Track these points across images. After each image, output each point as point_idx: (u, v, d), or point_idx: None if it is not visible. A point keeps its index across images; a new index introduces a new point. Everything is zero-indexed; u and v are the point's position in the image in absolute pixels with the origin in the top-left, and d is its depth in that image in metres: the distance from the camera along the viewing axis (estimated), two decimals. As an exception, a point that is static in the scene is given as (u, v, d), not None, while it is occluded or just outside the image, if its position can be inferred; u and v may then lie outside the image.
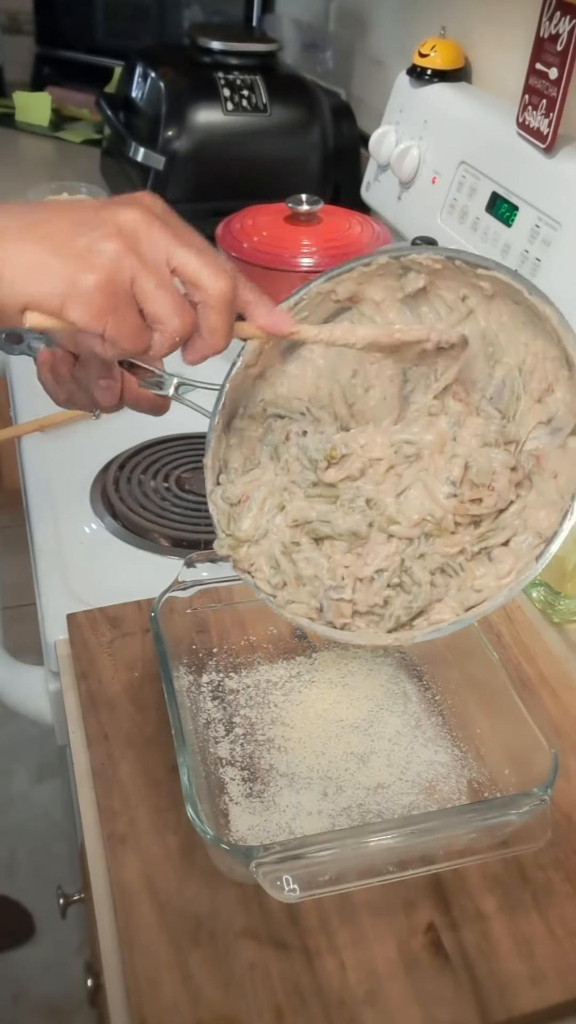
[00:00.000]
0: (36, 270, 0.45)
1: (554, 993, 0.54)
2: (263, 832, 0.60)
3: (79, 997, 1.29)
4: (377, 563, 0.60)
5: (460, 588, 0.60)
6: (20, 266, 0.45)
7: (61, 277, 0.45)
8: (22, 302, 0.46)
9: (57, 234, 0.45)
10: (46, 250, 0.45)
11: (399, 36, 1.45)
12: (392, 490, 0.60)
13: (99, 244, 0.45)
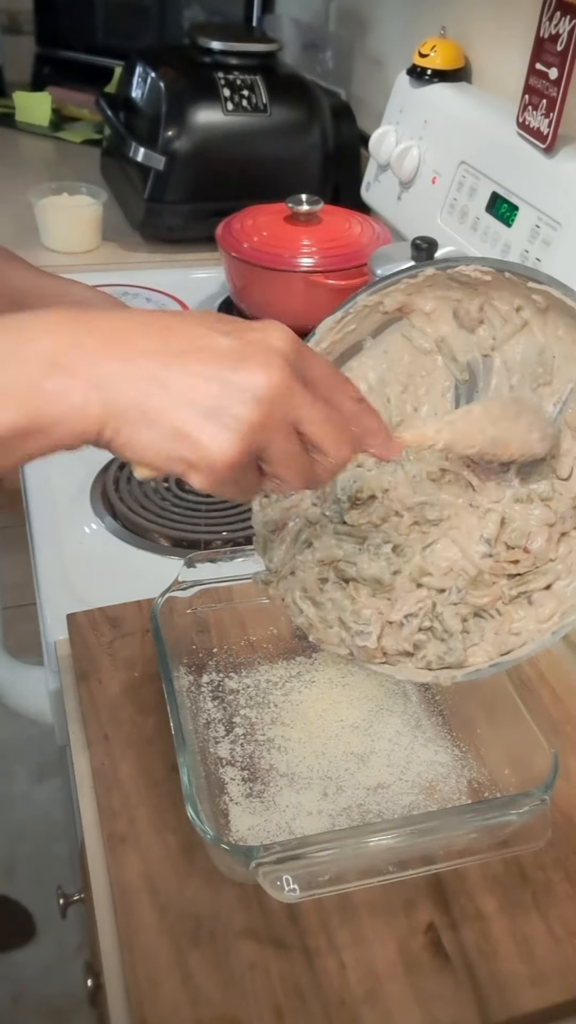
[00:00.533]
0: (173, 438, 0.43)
1: (554, 993, 0.54)
2: (263, 832, 0.60)
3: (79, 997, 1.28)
4: (407, 608, 0.58)
5: (497, 632, 0.58)
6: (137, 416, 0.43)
7: (191, 447, 0.43)
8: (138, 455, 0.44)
9: (192, 388, 0.43)
10: (179, 406, 0.43)
11: (399, 36, 1.45)
12: (419, 542, 0.58)
13: (235, 410, 0.43)
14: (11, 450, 0.42)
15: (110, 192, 1.50)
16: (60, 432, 0.42)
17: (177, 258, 1.44)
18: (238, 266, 1.21)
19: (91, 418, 0.42)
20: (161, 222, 1.42)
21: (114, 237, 1.47)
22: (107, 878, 0.59)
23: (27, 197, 1.39)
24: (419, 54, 1.25)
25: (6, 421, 0.41)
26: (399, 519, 0.59)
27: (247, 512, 0.92)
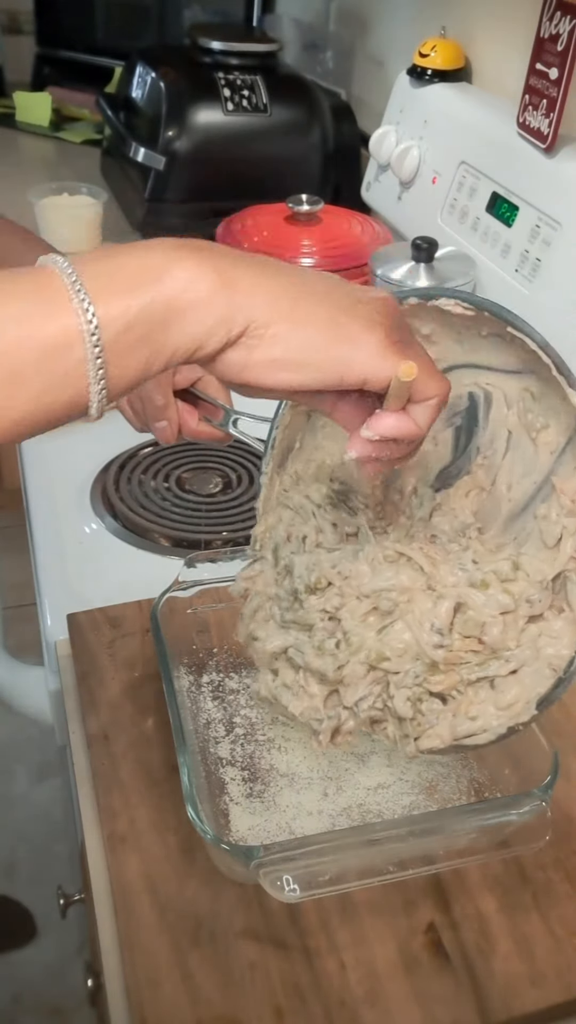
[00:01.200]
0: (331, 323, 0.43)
1: (554, 993, 0.54)
2: (263, 832, 0.60)
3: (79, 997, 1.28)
4: (359, 693, 0.57)
5: (455, 714, 0.56)
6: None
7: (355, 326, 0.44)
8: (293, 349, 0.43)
9: (330, 294, 0.44)
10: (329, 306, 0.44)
11: (399, 36, 1.45)
12: (376, 625, 0.57)
13: (375, 307, 0.45)
14: (154, 337, 0.40)
15: (110, 192, 1.50)
16: (200, 318, 0.41)
17: (177, 258, 1.43)
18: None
19: (237, 305, 0.41)
20: (161, 222, 1.42)
21: (114, 237, 1.47)
22: (107, 878, 0.59)
23: (27, 197, 1.39)
24: (419, 54, 1.25)
25: (143, 297, 0.39)
26: (357, 603, 0.57)
27: (247, 512, 0.92)
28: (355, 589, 0.57)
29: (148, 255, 0.41)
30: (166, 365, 0.41)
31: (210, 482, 0.96)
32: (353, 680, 0.57)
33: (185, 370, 0.71)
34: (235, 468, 0.99)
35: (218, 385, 0.72)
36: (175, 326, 0.40)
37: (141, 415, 0.73)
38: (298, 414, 0.63)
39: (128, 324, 0.39)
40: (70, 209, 1.42)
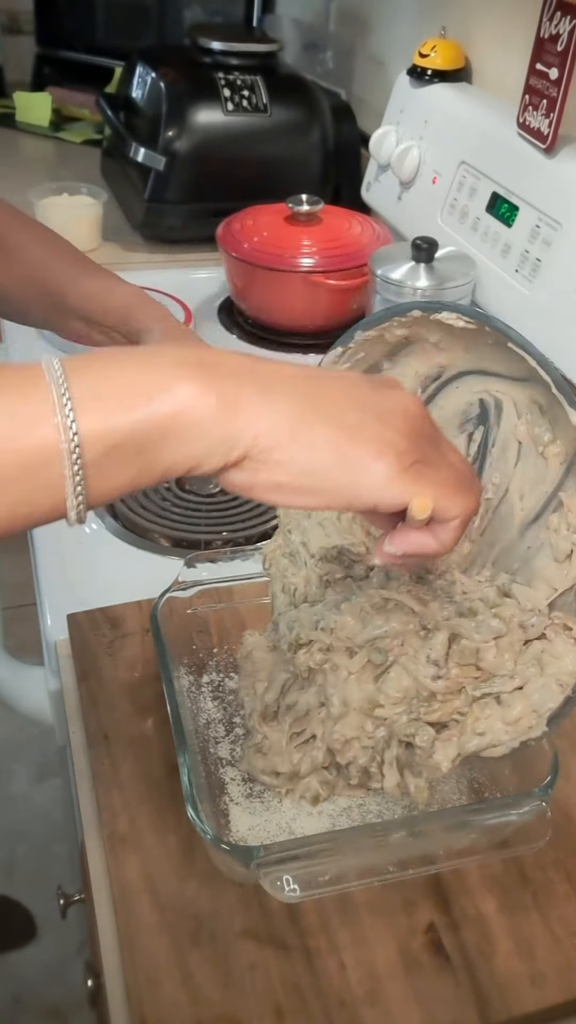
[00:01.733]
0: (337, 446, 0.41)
1: (554, 993, 0.54)
2: (263, 832, 0.60)
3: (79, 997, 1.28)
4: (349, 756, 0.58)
5: (460, 733, 0.56)
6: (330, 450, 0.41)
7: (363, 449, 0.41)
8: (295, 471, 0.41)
9: (343, 410, 0.42)
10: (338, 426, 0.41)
11: (399, 36, 1.45)
12: (370, 678, 0.57)
13: (391, 418, 0.42)
14: (142, 455, 0.38)
15: (110, 192, 1.50)
16: (196, 441, 0.39)
17: (177, 258, 1.44)
18: (238, 266, 1.21)
19: (238, 430, 0.39)
20: (161, 222, 1.42)
21: (114, 237, 1.47)
22: (107, 878, 0.59)
23: (27, 197, 1.39)
24: (419, 54, 1.25)
25: (135, 416, 0.37)
26: (348, 659, 0.58)
27: (247, 512, 0.92)
28: (344, 642, 0.57)
29: (149, 369, 0.39)
30: (159, 480, 0.40)
31: (210, 482, 0.96)
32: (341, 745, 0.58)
33: None
34: (235, 468, 0.99)
35: None
36: (169, 446, 0.39)
37: None
38: None
39: (115, 444, 0.38)
40: (70, 209, 1.42)
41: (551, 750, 0.57)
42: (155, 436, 0.38)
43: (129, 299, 0.77)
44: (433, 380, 0.61)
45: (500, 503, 0.59)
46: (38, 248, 0.80)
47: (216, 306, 1.33)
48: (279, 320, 1.24)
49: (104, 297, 0.77)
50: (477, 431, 0.60)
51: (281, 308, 1.23)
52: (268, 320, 1.25)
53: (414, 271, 1.05)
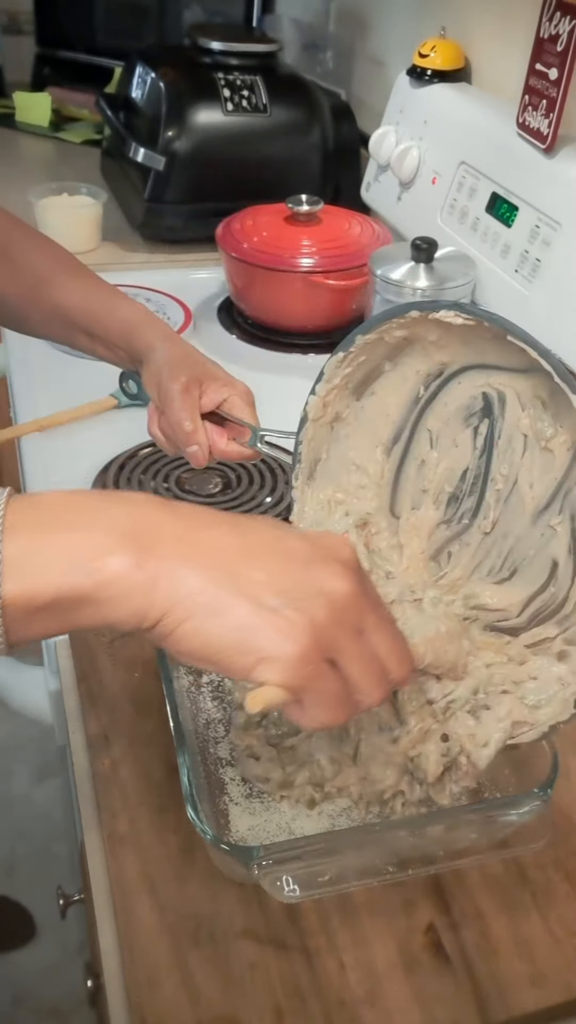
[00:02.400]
0: (241, 629, 0.42)
1: (554, 993, 0.54)
2: (263, 832, 0.60)
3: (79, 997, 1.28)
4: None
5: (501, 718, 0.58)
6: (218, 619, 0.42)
7: (265, 638, 0.42)
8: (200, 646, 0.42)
9: (266, 584, 0.42)
10: (252, 598, 0.42)
11: (399, 36, 1.45)
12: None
13: (308, 605, 0.42)
14: (62, 616, 0.41)
15: (110, 192, 1.50)
16: (115, 609, 0.41)
17: (177, 258, 1.44)
18: (238, 266, 1.21)
19: (153, 602, 0.41)
20: (161, 222, 1.42)
21: (114, 237, 1.47)
22: (107, 878, 0.59)
23: (27, 197, 1.39)
24: (419, 54, 1.25)
25: (60, 585, 0.39)
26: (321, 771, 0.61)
27: (247, 513, 0.92)
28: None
29: (80, 537, 0.40)
30: (74, 630, 0.43)
31: (209, 482, 0.96)
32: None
33: (211, 392, 0.73)
34: (234, 468, 0.99)
35: (244, 404, 0.74)
36: (88, 611, 0.41)
37: (172, 441, 0.74)
38: (322, 427, 0.64)
39: (36, 607, 0.40)
40: (70, 209, 1.42)
41: (551, 750, 0.57)
42: (76, 602, 0.40)
43: (131, 318, 0.77)
44: (435, 378, 0.61)
45: (510, 493, 0.59)
46: (42, 260, 0.80)
47: (216, 306, 1.33)
48: (279, 320, 1.24)
49: (106, 315, 0.77)
50: (483, 424, 0.60)
51: (281, 308, 1.23)
52: (268, 320, 1.25)
53: (414, 271, 1.05)
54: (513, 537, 0.59)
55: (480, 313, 0.54)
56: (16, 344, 1.19)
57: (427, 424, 0.63)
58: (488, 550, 0.61)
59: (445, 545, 0.63)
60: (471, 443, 0.61)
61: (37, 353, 1.17)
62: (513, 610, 0.59)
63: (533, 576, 0.58)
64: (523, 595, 0.59)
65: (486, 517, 0.60)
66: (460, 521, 0.62)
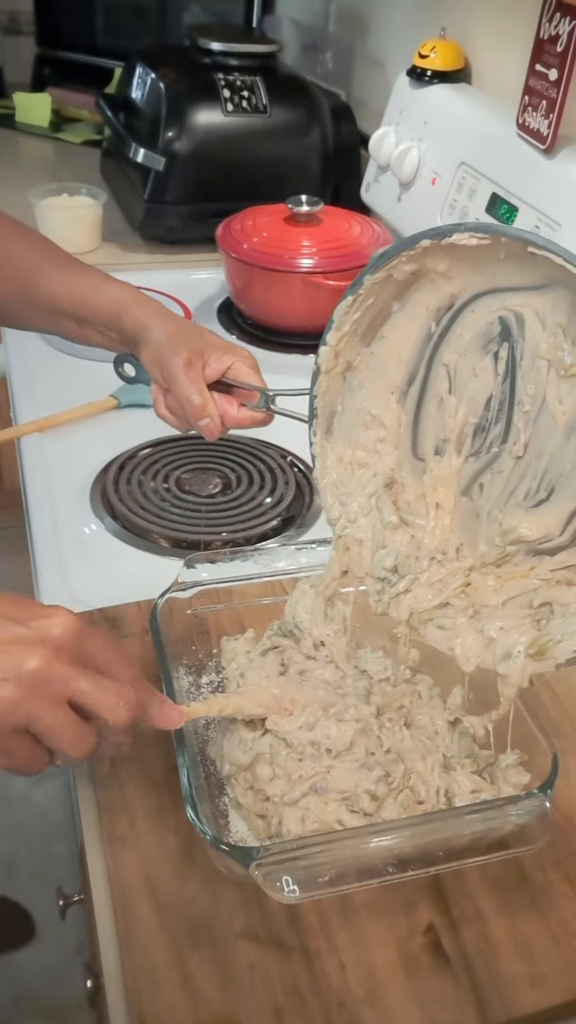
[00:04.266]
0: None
1: (554, 994, 0.54)
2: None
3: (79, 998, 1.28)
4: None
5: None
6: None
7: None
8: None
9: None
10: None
11: (399, 37, 1.45)
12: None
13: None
14: None
15: (110, 193, 1.50)
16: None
17: (177, 259, 1.44)
18: (238, 267, 1.22)
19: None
20: (161, 223, 1.42)
21: (114, 238, 1.47)
22: (107, 879, 0.59)
23: (27, 198, 1.39)
24: (419, 55, 1.25)
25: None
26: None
27: (246, 513, 0.92)
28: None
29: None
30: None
31: (209, 483, 0.96)
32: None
33: (214, 362, 0.72)
34: (234, 469, 0.99)
35: (248, 369, 0.73)
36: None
37: (182, 418, 0.74)
38: (334, 378, 0.63)
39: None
40: (70, 210, 1.42)
41: (551, 750, 0.57)
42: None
43: (118, 297, 0.76)
44: (446, 311, 0.60)
45: (539, 412, 0.57)
46: (26, 253, 0.79)
47: (216, 307, 1.33)
48: (279, 321, 1.24)
49: (93, 296, 0.76)
50: (502, 348, 0.58)
51: (281, 309, 1.23)
52: (268, 321, 1.25)
53: (414, 272, 1.05)
54: (547, 456, 0.57)
55: (495, 229, 0.53)
56: (16, 344, 1.19)
57: (443, 359, 0.61)
58: (522, 474, 0.59)
59: (476, 478, 0.61)
60: (492, 369, 0.59)
61: (37, 353, 1.18)
62: (555, 530, 0.58)
63: (572, 492, 0.56)
64: (564, 512, 0.57)
65: (516, 441, 0.58)
66: (489, 450, 0.60)
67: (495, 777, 0.61)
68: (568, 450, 0.56)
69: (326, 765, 0.60)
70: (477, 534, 0.61)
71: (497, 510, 0.60)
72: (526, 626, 0.56)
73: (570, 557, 0.56)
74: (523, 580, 0.58)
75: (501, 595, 0.59)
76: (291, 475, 0.98)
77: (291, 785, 0.59)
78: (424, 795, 0.60)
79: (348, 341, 0.62)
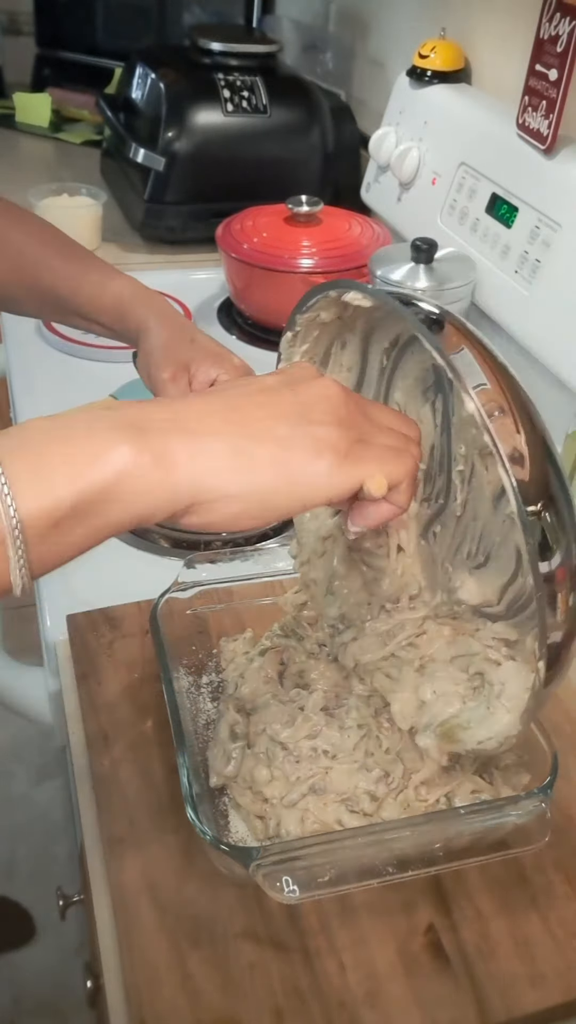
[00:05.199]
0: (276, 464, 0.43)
1: (554, 994, 0.54)
2: (263, 833, 0.60)
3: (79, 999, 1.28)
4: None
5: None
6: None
7: (302, 459, 0.43)
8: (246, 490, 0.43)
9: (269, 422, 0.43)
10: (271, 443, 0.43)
11: (399, 37, 1.45)
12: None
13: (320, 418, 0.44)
14: (88, 521, 0.40)
15: (110, 193, 1.50)
16: (140, 499, 0.40)
17: (177, 259, 1.44)
18: (238, 267, 1.22)
19: (178, 480, 0.41)
20: (161, 223, 1.42)
21: (114, 238, 1.47)
22: (107, 879, 0.59)
23: (27, 198, 1.39)
24: (419, 55, 1.25)
25: (77, 488, 0.38)
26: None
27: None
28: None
29: (82, 439, 0.39)
30: (107, 537, 0.41)
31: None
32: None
33: (200, 375, 0.72)
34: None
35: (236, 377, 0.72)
36: (112, 509, 0.40)
37: None
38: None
39: (56, 519, 0.39)
40: (70, 210, 1.42)
41: (551, 750, 0.57)
42: (97, 504, 0.39)
43: (121, 294, 0.76)
44: (393, 347, 0.58)
45: (471, 475, 0.55)
46: (32, 244, 0.78)
47: (216, 307, 1.33)
48: (279, 321, 1.23)
49: (97, 292, 0.76)
50: (438, 399, 0.56)
51: (281, 309, 1.22)
52: (268, 321, 1.25)
53: (414, 272, 1.05)
54: (481, 521, 0.56)
55: (382, 296, 0.51)
56: (16, 344, 1.19)
57: (394, 397, 0.59)
58: (464, 532, 0.57)
59: (430, 524, 0.60)
60: (431, 420, 0.58)
61: (37, 353, 1.18)
62: (492, 598, 0.56)
63: (504, 564, 0.55)
64: (498, 583, 0.56)
65: (455, 499, 0.57)
66: (437, 500, 0.59)
67: (494, 777, 0.61)
68: (496, 521, 0.55)
69: (324, 766, 0.60)
70: (435, 580, 0.60)
71: (448, 562, 0.59)
72: (455, 697, 0.56)
73: (505, 630, 0.55)
74: (470, 639, 0.57)
75: (452, 649, 0.58)
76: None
77: (290, 787, 0.59)
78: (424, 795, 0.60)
79: None
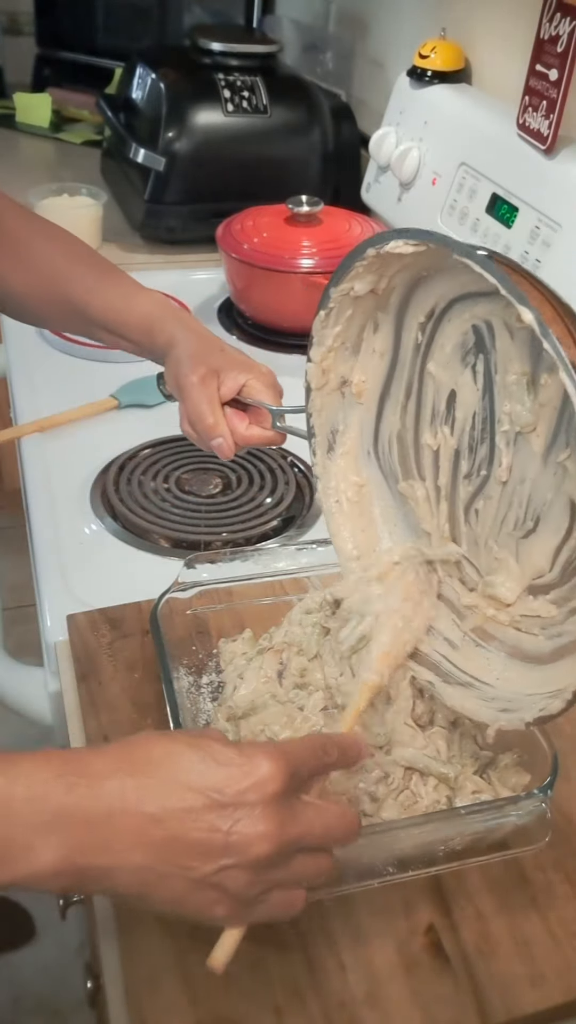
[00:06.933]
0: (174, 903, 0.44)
1: (554, 994, 0.54)
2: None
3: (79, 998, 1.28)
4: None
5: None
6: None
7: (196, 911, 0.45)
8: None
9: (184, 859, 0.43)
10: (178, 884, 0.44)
11: (399, 37, 1.45)
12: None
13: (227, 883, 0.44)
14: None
15: (110, 193, 1.50)
16: (42, 888, 0.42)
17: (177, 259, 1.44)
18: (238, 267, 1.22)
19: (83, 886, 0.43)
20: (161, 223, 1.42)
21: (114, 238, 1.47)
22: (107, 879, 0.58)
23: (27, 198, 1.39)
24: (419, 55, 1.25)
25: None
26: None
27: (247, 513, 0.92)
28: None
29: (11, 827, 0.41)
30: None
31: (209, 483, 0.96)
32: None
33: (228, 380, 0.72)
34: (235, 469, 0.99)
35: (262, 386, 0.72)
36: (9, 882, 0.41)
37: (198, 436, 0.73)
38: (329, 394, 0.62)
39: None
40: (70, 210, 1.42)
41: (551, 751, 0.57)
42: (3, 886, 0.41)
43: (150, 311, 0.76)
44: (428, 319, 0.57)
45: (519, 433, 0.53)
46: (58, 258, 0.79)
47: (216, 307, 1.33)
48: (279, 321, 1.24)
49: (124, 310, 0.76)
50: (479, 361, 0.54)
51: (281, 309, 1.23)
52: (268, 321, 1.25)
53: (414, 272, 1.05)
54: (529, 481, 0.53)
55: (427, 235, 0.50)
56: (16, 344, 1.19)
57: (429, 370, 0.58)
58: (510, 500, 0.55)
59: (471, 502, 0.58)
60: (472, 384, 0.55)
61: (37, 353, 1.18)
62: (545, 565, 0.54)
63: (556, 523, 0.52)
64: (551, 544, 0.53)
65: (500, 464, 0.54)
66: (479, 473, 0.57)
67: (495, 777, 0.61)
68: (546, 475, 0.52)
69: None
70: (480, 564, 0.59)
71: (492, 540, 0.57)
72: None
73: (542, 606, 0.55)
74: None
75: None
76: (291, 475, 0.98)
77: None
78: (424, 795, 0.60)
79: (337, 356, 0.60)
